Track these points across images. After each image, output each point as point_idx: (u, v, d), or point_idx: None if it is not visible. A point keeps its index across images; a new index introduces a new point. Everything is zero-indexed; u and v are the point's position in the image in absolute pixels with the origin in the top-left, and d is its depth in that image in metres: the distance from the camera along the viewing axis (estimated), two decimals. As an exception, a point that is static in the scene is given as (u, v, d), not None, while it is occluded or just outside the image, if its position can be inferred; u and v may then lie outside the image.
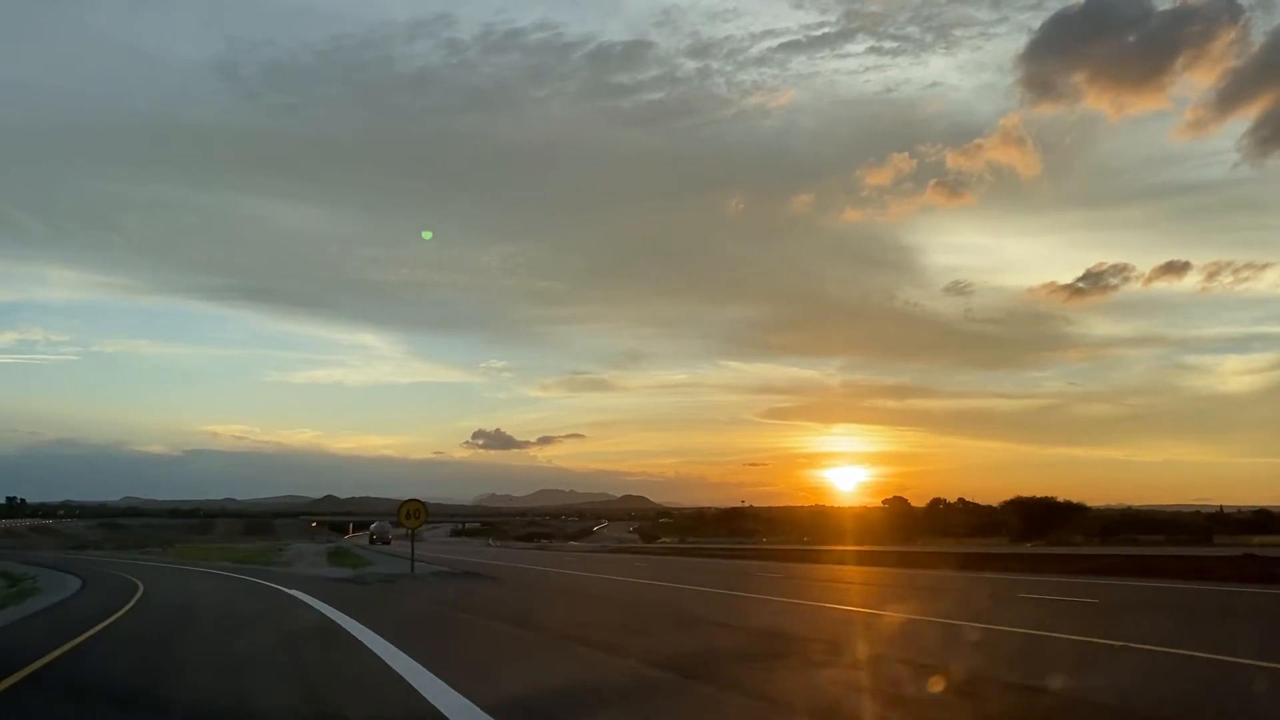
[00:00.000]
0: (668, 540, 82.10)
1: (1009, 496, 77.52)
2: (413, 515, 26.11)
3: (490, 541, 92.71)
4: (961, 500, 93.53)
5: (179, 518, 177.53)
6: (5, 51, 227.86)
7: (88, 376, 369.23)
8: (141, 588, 23.83)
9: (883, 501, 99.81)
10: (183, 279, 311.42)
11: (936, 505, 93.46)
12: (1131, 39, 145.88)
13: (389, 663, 8.90)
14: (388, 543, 64.63)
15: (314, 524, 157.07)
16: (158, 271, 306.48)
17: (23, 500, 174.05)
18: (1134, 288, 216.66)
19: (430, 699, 6.84)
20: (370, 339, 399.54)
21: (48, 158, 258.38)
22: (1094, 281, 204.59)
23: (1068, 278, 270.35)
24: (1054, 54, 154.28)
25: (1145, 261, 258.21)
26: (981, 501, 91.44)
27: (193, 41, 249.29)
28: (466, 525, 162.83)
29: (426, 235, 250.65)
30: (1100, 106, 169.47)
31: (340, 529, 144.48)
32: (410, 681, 7.68)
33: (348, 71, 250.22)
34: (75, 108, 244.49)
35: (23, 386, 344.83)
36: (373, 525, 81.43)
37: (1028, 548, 47.42)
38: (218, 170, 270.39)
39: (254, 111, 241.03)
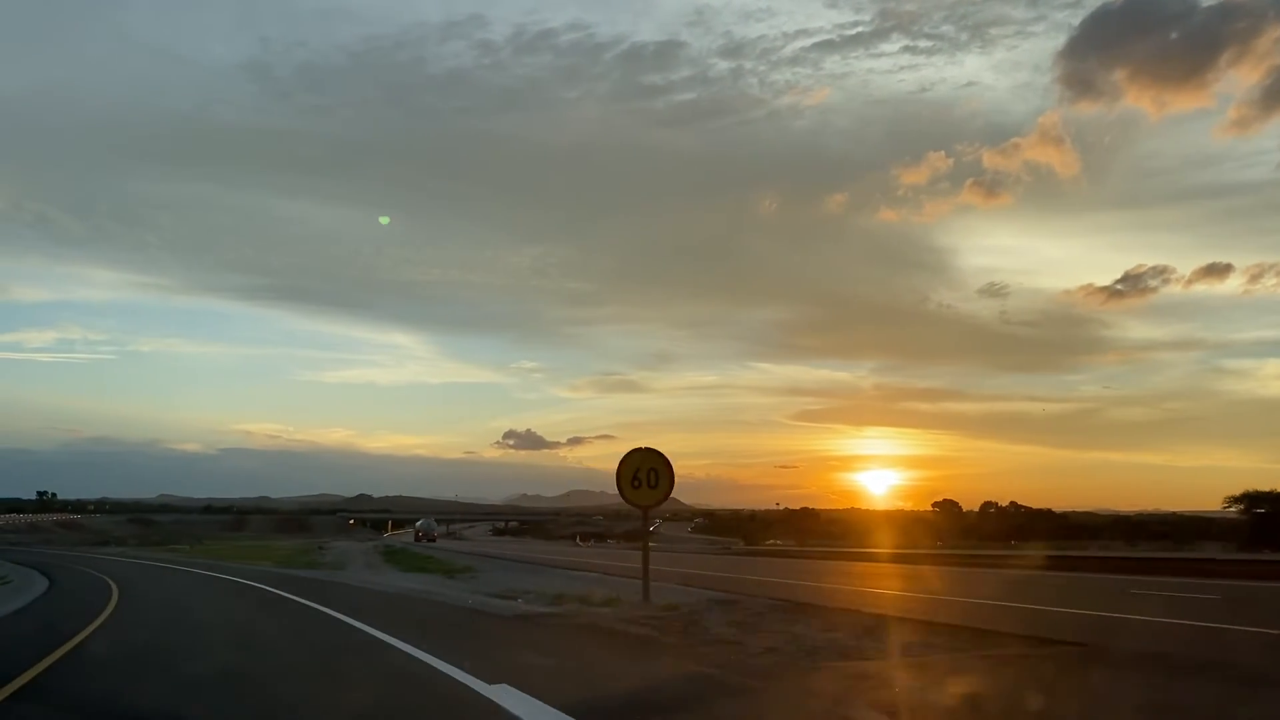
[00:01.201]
0: (777, 542, 69.40)
1: (1054, 499, 72.31)
2: (647, 483, 12.87)
3: (578, 541, 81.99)
4: (1013, 504, 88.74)
5: (212, 514, 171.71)
6: (45, 54, 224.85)
7: (124, 375, 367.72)
8: (110, 609, 13.55)
9: (932, 505, 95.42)
10: (217, 279, 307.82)
11: (988, 509, 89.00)
12: (1174, 35, 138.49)
13: None
14: (433, 540, 62.16)
15: (350, 521, 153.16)
16: (192, 271, 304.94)
17: (53, 495, 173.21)
18: (1174, 290, 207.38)
19: None
20: (402, 339, 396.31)
21: (86, 159, 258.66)
22: (1133, 284, 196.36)
23: (1106, 280, 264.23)
24: (1094, 51, 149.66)
25: (1185, 263, 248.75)
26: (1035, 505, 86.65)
27: (226, 43, 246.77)
28: (506, 524, 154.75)
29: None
30: (1141, 105, 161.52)
31: (376, 526, 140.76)
32: None
33: (380, 72, 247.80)
34: (112, 109, 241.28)
35: (62, 384, 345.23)
36: (419, 522, 77.15)
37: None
38: (251, 171, 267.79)
39: (287, 112, 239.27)
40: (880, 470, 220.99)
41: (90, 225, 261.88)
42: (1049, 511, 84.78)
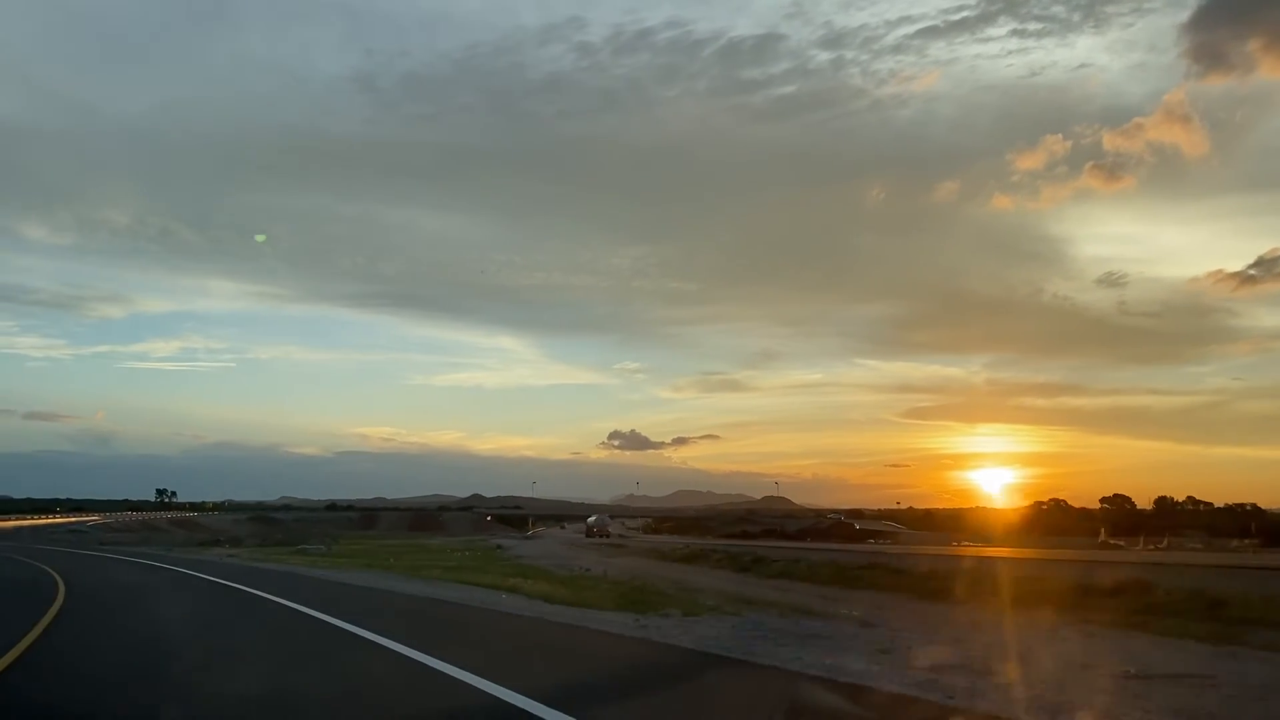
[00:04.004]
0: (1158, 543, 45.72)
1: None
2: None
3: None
4: (1191, 499, 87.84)
5: (336, 512, 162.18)
6: (165, 74, 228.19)
7: (244, 382, 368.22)
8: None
9: (1100, 500, 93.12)
10: (330, 287, 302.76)
11: (1163, 504, 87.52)
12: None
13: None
14: (607, 536, 62.41)
15: (488, 518, 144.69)
16: (306, 280, 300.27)
17: (173, 494, 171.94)
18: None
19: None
20: (508, 342, 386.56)
21: (205, 173, 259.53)
22: (1267, 269, 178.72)
23: (1237, 265, 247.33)
24: (1226, 21, 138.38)
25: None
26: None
27: (334, 56, 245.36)
28: (657, 522, 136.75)
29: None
30: (1278, 76, 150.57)
31: (511, 523, 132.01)
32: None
33: (482, 79, 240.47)
34: (229, 124, 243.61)
35: (186, 392, 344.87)
36: (591, 519, 74.82)
37: None
38: (361, 180, 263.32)
39: (393, 122, 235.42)
40: (995, 468, 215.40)
41: (209, 238, 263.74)
42: (1255, 508, 79.27)
